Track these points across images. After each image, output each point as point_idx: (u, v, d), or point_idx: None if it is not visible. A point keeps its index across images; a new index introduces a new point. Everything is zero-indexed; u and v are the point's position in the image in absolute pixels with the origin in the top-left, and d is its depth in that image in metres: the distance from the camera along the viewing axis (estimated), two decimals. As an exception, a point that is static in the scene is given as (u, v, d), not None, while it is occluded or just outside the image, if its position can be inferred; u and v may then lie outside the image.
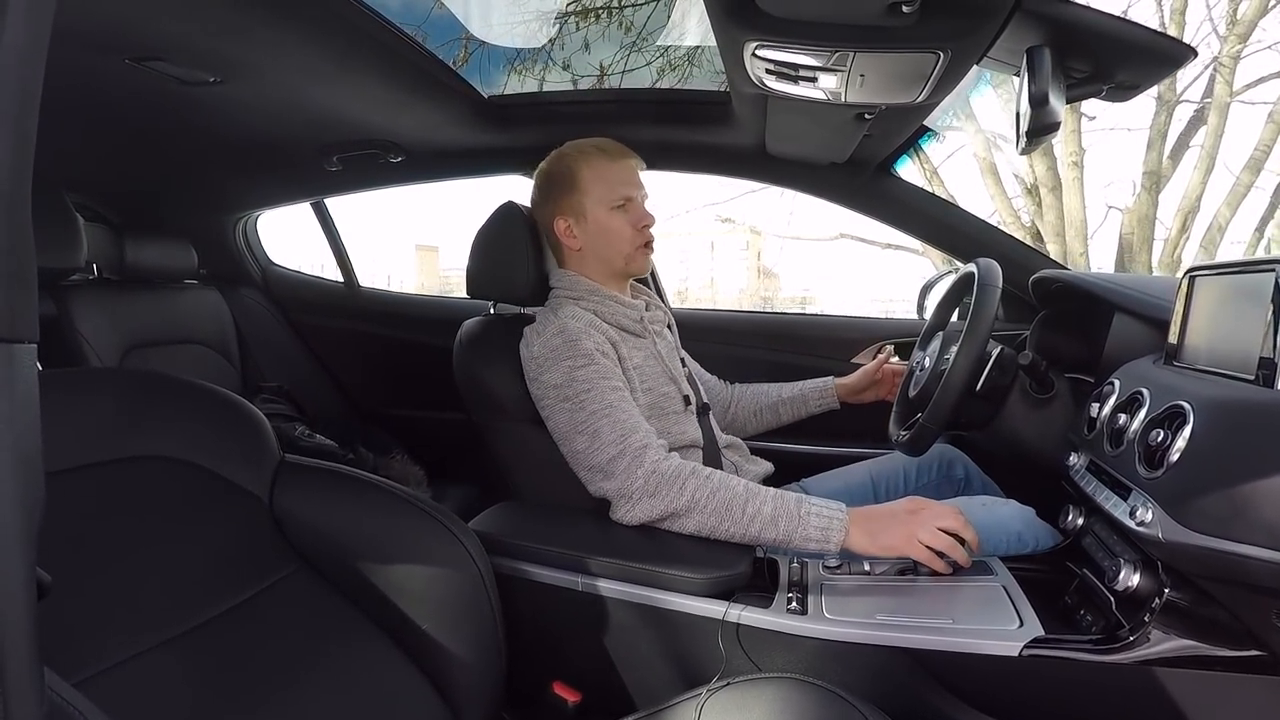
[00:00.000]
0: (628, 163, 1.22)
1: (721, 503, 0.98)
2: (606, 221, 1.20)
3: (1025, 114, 0.87)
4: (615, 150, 1.22)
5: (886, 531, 0.94)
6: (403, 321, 2.12)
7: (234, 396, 0.95)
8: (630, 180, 1.21)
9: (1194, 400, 0.75)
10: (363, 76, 1.29)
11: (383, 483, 0.94)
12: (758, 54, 0.96)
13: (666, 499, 0.99)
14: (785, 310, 4.13)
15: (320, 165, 1.72)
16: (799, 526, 0.95)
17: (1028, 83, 0.82)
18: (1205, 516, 0.68)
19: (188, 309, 1.85)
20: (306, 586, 0.85)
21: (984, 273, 1.20)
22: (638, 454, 1.02)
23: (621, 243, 1.20)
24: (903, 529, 0.94)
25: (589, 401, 1.06)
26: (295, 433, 1.55)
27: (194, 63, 1.17)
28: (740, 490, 0.99)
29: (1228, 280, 0.84)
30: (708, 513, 0.98)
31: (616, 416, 1.05)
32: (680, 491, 0.99)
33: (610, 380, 1.09)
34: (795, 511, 0.96)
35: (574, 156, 1.22)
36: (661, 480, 1.00)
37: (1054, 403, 1.21)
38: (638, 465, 1.01)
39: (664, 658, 0.94)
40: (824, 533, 0.95)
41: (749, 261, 32.29)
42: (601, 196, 1.19)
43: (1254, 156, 5.71)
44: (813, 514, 0.95)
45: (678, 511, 0.99)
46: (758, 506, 0.97)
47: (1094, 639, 0.81)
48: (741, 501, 0.98)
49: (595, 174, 1.19)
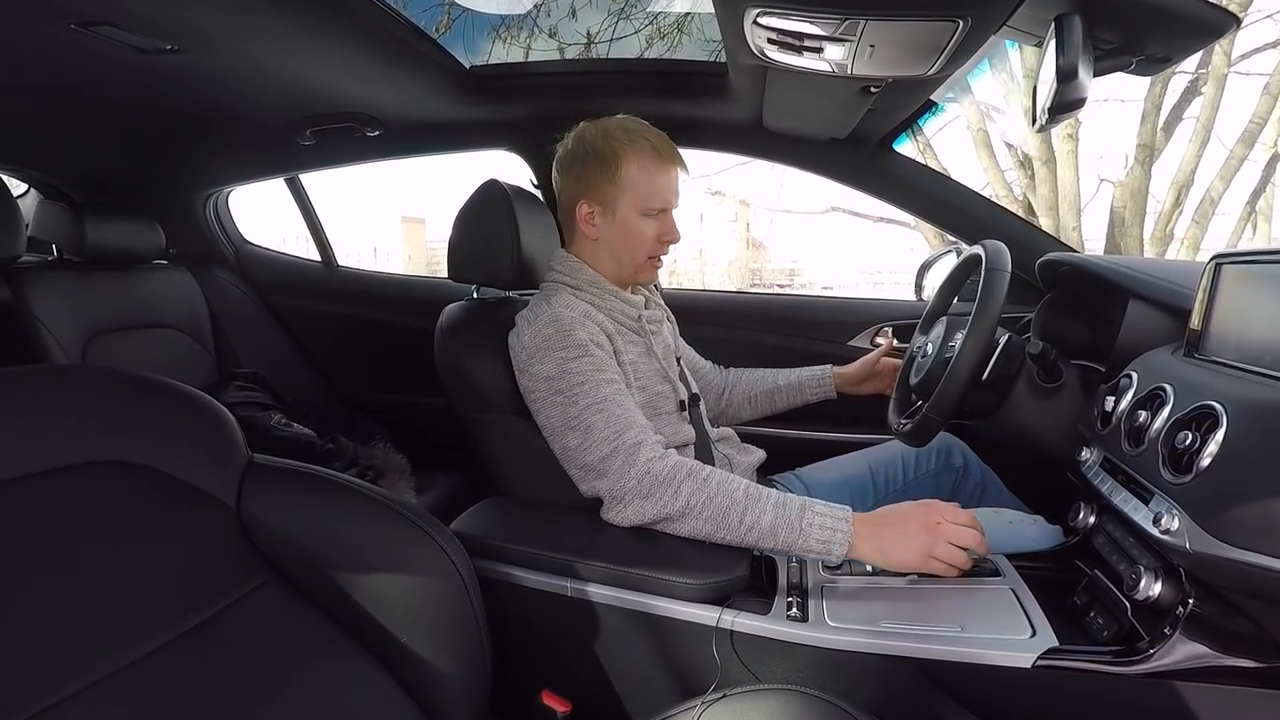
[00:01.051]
0: (676, 170, 1.12)
1: (719, 510, 0.92)
2: (635, 225, 1.11)
3: (1049, 88, 0.81)
4: (669, 153, 1.11)
5: (898, 546, 0.88)
6: (385, 302, 2.04)
7: (196, 393, 0.88)
8: (672, 189, 1.12)
9: (1227, 401, 0.70)
10: (335, 46, 1.20)
11: (360, 485, 0.88)
12: (759, 22, 0.89)
13: (661, 502, 0.94)
14: (780, 290, 4.04)
15: (293, 139, 1.63)
16: (799, 539, 0.89)
17: (1056, 55, 0.75)
18: (1239, 529, 0.64)
19: (156, 291, 1.76)
20: (278, 599, 0.79)
21: (992, 257, 1.14)
22: (631, 452, 0.96)
23: (639, 251, 1.13)
24: (917, 545, 0.87)
25: (582, 395, 1.00)
26: (271, 422, 1.48)
27: (148, 29, 1.08)
28: (740, 496, 0.92)
29: (1261, 270, 0.78)
30: (703, 519, 0.93)
31: (610, 411, 0.99)
32: (675, 495, 0.94)
33: (605, 373, 1.03)
34: (797, 523, 0.89)
35: (623, 143, 1.10)
36: (656, 482, 0.95)
37: (1062, 392, 1.17)
38: (631, 465, 0.96)
39: (657, 666, 0.90)
40: (825, 545, 0.88)
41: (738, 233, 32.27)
42: (639, 199, 1.10)
43: (1248, 129, 5.66)
44: (815, 525, 0.89)
45: (672, 515, 0.94)
46: (756, 516, 0.91)
47: (1111, 650, 0.77)
48: (740, 510, 0.91)
49: (641, 172, 1.09)
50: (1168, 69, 0.90)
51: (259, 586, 0.78)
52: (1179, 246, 5.82)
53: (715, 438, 1.28)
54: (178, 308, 1.79)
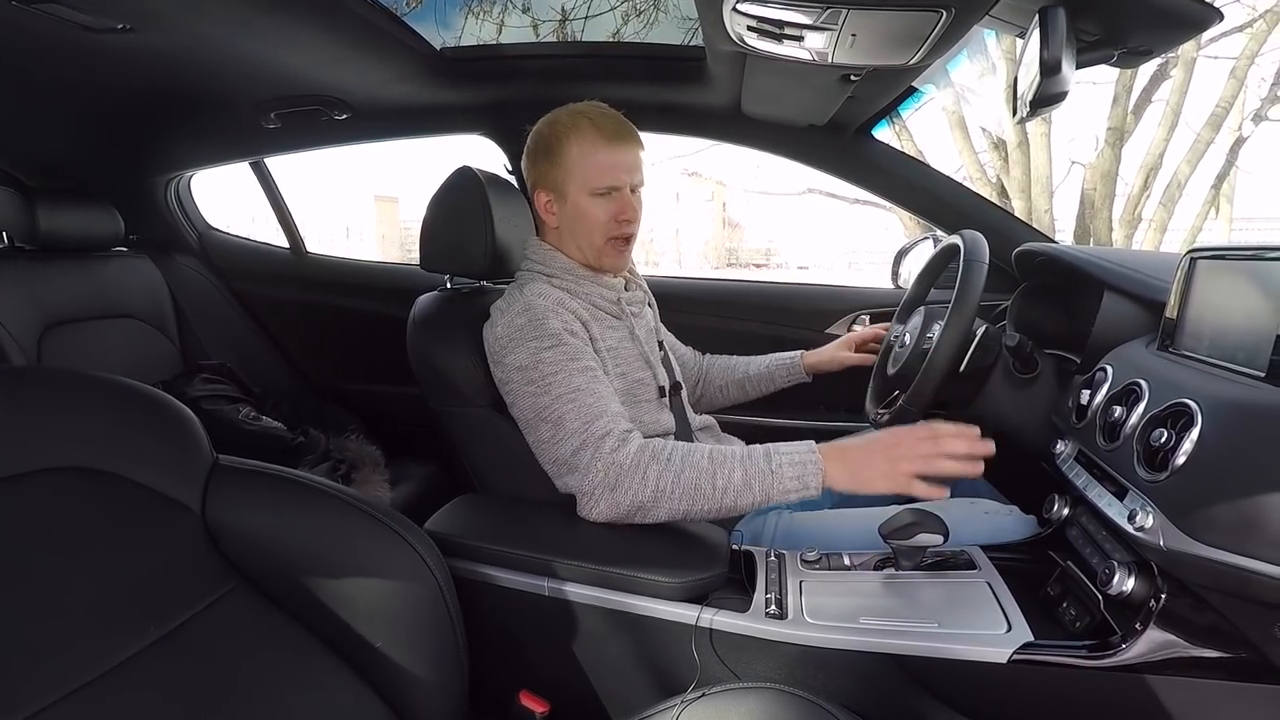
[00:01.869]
0: (624, 147, 1.08)
1: (689, 484, 0.91)
2: (586, 207, 1.08)
3: (1032, 80, 0.80)
4: (613, 129, 1.07)
5: (867, 465, 0.88)
6: (356, 290, 2.00)
7: (157, 393, 0.85)
8: (620, 166, 1.08)
9: (1202, 400, 0.71)
10: (300, 28, 1.16)
11: (331, 487, 0.86)
12: (739, 9, 0.87)
13: (630, 492, 0.92)
14: (757, 269, 4.03)
15: (257, 122, 1.57)
16: (775, 482, 0.89)
17: (1040, 48, 0.74)
18: (1213, 528, 0.64)
19: (116, 279, 1.70)
20: (247, 606, 0.77)
21: (970, 248, 1.14)
22: (597, 445, 0.94)
23: (596, 234, 1.10)
24: (882, 464, 0.87)
25: (554, 385, 0.98)
26: (239, 415, 1.44)
27: (96, 8, 1.03)
28: (705, 465, 0.91)
29: (1237, 266, 0.79)
30: (677, 498, 0.91)
31: (583, 401, 0.97)
32: (644, 482, 0.92)
33: (579, 361, 1.01)
34: (766, 468, 0.89)
35: (566, 125, 1.08)
36: (621, 472, 0.92)
37: (1037, 383, 1.18)
38: (596, 458, 0.94)
39: (637, 666, 0.89)
40: (801, 480, 0.89)
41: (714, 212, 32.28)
42: (584, 180, 1.07)
43: (1215, 113, 5.75)
44: (785, 464, 0.89)
45: (644, 503, 0.92)
46: (727, 477, 0.90)
47: (1086, 644, 0.78)
48: (709, 477, 0.90)
49: (582, 153, 1.06)
50: (1149, 61, 0.89)
51: (227, 594, 0.76)
52: (1147, 228, 5.93)
53: (697, 426, 1.27)
54: (139, 297, 1.73)
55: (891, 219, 6.19)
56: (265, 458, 1.38)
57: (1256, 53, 5.59)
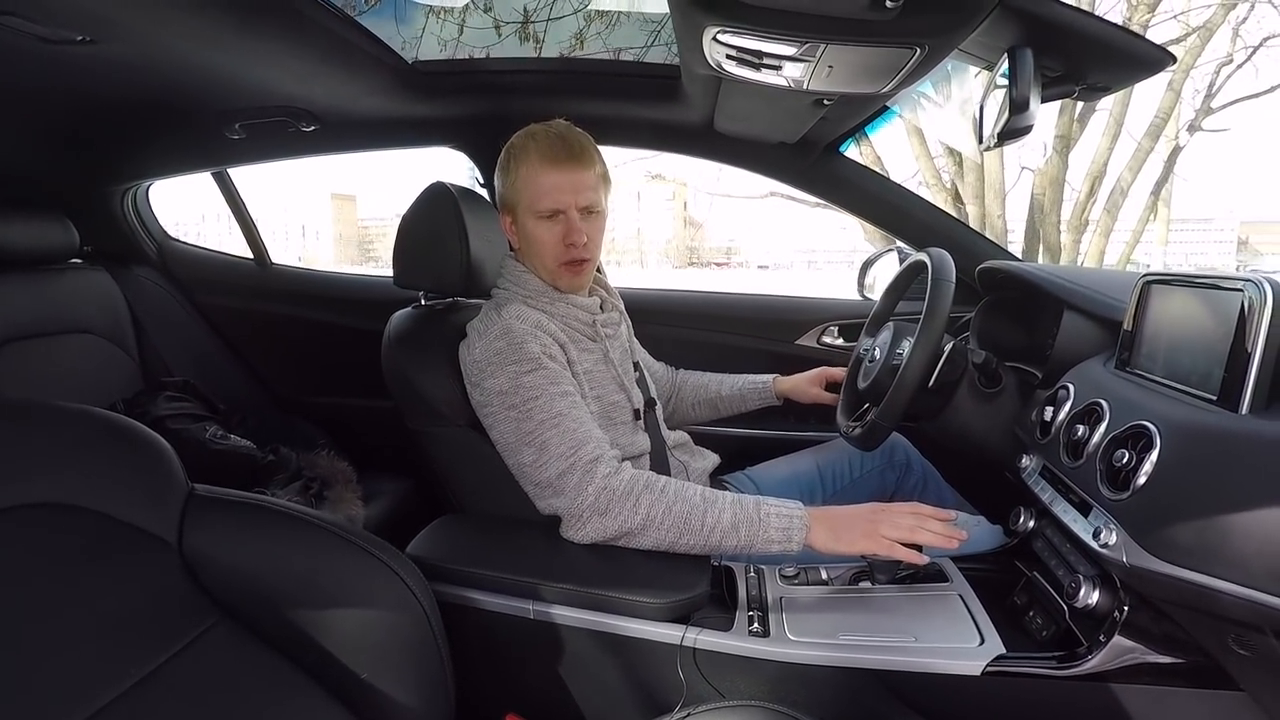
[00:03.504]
0: (568, 170, 1.05)
1: (679, 517, 0.93)
2: (533, 229, 1.08)
3: (1000, 114, 0.83)
4: (561, 153, 1.05)
5: (849, 529, 0.91)
6: (323, 303, 1.96)
7: (128, 422, 0.83)
8: (563, 188, 1.05)
9: (1160, 422, 0.75)
10: (266, 41, 1.13)
11: (311, 515, 0.85)
12: (719, 39, 0.88)
13: (620, 517, 0.94)
14: (718, 268, 4.01)
15: (220, 133, 1.53)
16: (760, 530, 0.91)
17: (1010, 86, 0.78)
18: (1173, 546, 0.68)
19: (71, 293, 1.63)
20: (228, 641, 0.75)
21: (938, 266, 1.17)
22: (588, 469, 0.96)
23: (546, 256, 1.09)
24: (864, 526, 0.91)
25: (536, 410, 0.99)
26: (206, 435, 1.40)
27: (53, 19, 0.99)
28: (698, 501, 0.94)
29: (1189, 293, 0.83)
30: (665, 529, 0.93)
31: (566, 426, 0.98)
32: (635, 509, 0.93)
33: (559, 385, 1.01)
34: (755, 515, 0.92)
35: (518, 148, 1.08)
36: (614, 497, 0.94)
37: (1001, 396, 1.22)
38: (588, 482, 0.95)
39: (622, 686, 0.90)
40: (785, 533, 0.91)
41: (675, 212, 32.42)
42: (529, 202, 1.07)
43: (1154, 123, 6.03)
44: (773, 514, 0.92)
45: (632, 530, 0.94)
46: (716, 516, 0.92)
47: (1054, 655, 0.82)
48: (700, 513, 0.92)
49: (529, 176, 1.06)
50: (1108, 95, 0.94)
51: (208, 630, 0.74)
52: (1093, 232, 6.17)
53: (671, 443, 1.28)
54: (95, 311, 1.67)
55: (849, 221, 6.32)
56: (235, 478, 1.37)
57: (1191, 66, 5.87)
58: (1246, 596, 0.62)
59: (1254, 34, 6.05)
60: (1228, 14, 5.67)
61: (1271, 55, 5.99)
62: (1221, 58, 6.22)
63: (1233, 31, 6.08)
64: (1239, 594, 0.63)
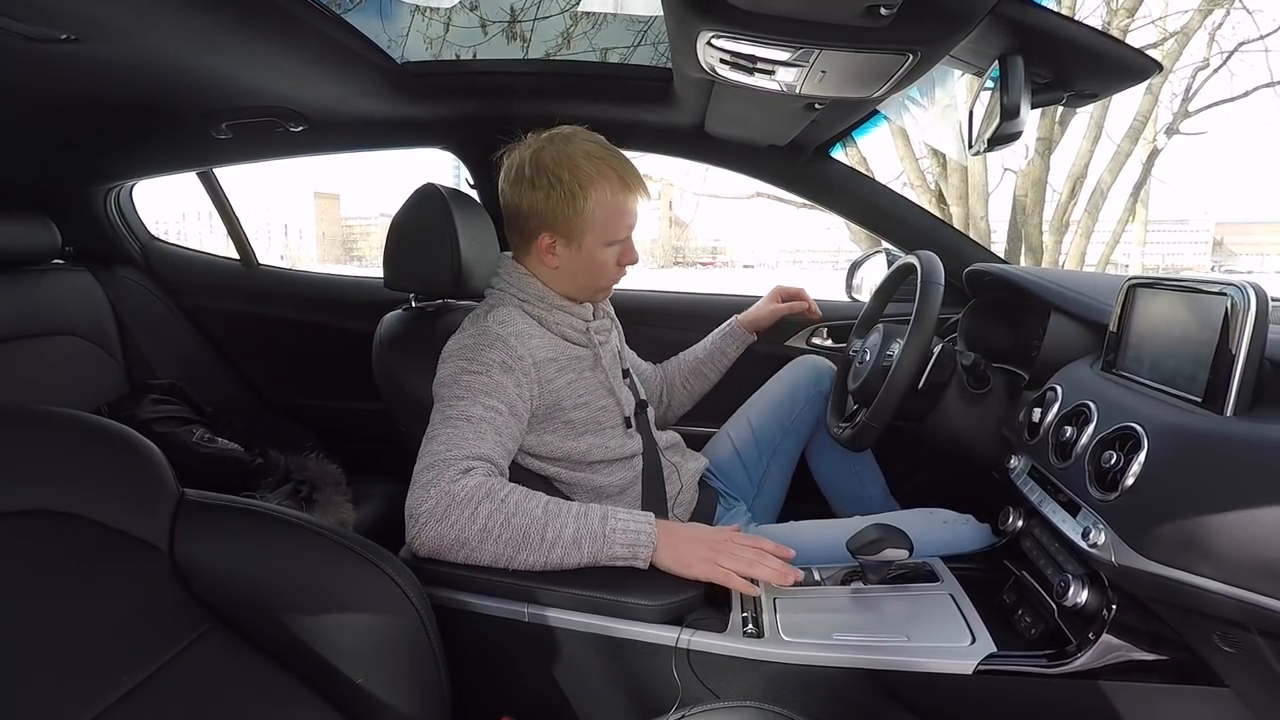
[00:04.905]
0: (640, 195, 1.09)
1: (518, 530, 0.88)
2: (600, 256, 1.09)
3: (990, 120, 0.85)
4: (635, 182, 1.07)
5: (690, 552, 0.90)
6: (311, 304, 1.94)
7: (118, 427, 0.82)
8: (636, 214, 1.10)
9: (1147, 425, 0.76)
10: (254, 42, 1.12)
11: (304, 519, 0.84)
12: (712, 44, 0.89)
13: (457, 525, 0.88)
14: (704, 268, 3.99)
15: (207, 132, 1.51)
16: (605, 546, 0.89)
17: (1001, 93, 0.79)
18: (1159, 545, 0.69)
19: (53, 294, 1.61)
20: (222, 648, 0.75)
21: (927, 270, 1.19)
22: (441, 469, 0.90)
23: (603, 279, 1.12)
24: (704, 551, 0.90)
25: (453, 407, 0.97)
26: (194, 438, 1.39)
27: (36, 17, 0.98)
28: (539, 514, 0.89)
29: (1174, 297, 0.85)
30: (503, 542, 0.88)
31: (463, 431, 0.94)
32: (472, 517, 0.88)
33: (491, 397, 0.98)
34: (600, 530, 0.89)
35: (589, 175, 1.04)
36: (454, 503, 0.88)
37: (989, 398, 1.24)
38: (434, 483, 0.89)
39: (618, 688, 0.91)
40: (631, 549, 0.89)
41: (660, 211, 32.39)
42: (606, 232, 1.07)
43: (1133, 126, 6.12)
44: (619, 529, 0.89)
45: (468, 540, 0.88)
46: (558, 530, 0.89)
47: (1045, 653, 0.83)
48: (540, 527, 0.89)
49: (609, 205, 1.05)
50: (1095, 102, 0.95)
51: (200, 636, 0.74)
52: (1074, 232, 6.26)
53: (663, 445, 1.29)
54: (78, 312, 1.64)
55: (834, 220, 6.37)
56: (224, 481, 1.36)
57: (1169, 70, 5.96)
58: (1232, 594, 0.63)
59: (1229, 39, 6.16)
60: (1204, 19, 5.76)
61: (1246, 60, 6.09)
62: (1198, 62, 6.32)
63: (1209, 37, 6.17)
64: (1225, 592, 0.64)
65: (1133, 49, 0.82)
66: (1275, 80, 6.11)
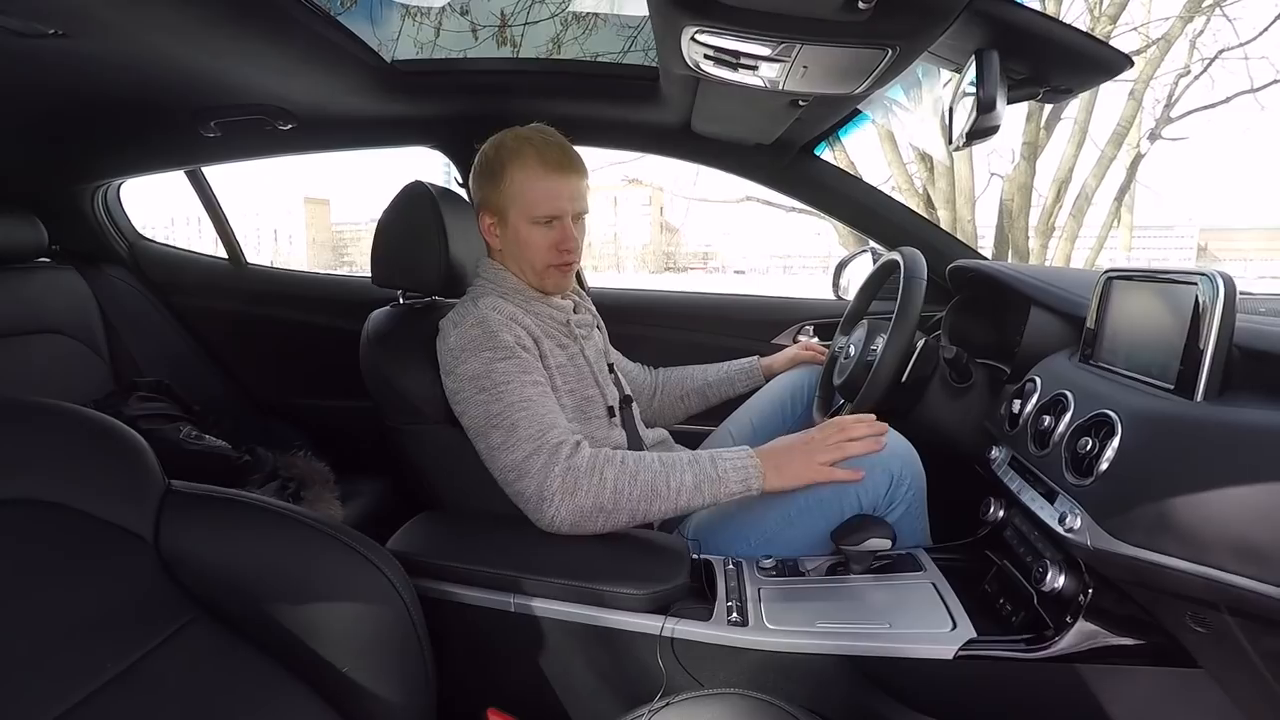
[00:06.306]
0: (567, 178, 1.09)
1: (645, 485, 0.95)
2: (526, 234, 1.10)
3: (967, 114, 0.86)
4: (557, 161, 1.09)
5: (790, 463, 0.98)
6: (299, 302, 1.94)
7: (103, 417, 0.82)
8: (563, 195, 1.09)
9: (1121, 411, 0.78)
10: (243, 38, 1.12)
11: (289, 509, 0.85)
12: (697, 39, 0.90)
13: (590, 494, 0.94)
14: (706, 290, 4.07)
15: (195, 130, 1.51)
16: (722, 486, 0.96)
17: (977, 87, 0.81)
18: (1132, 528, 0.71)
19: (39, 293, 1.60)
20: (207, 637, 0.75)
21: (910, 265, 1.21)
22: (554, 451, 0.96)
23: (536, 259, 1.12)
24: (801, 459, 0.98)
25: (506, 394, 0.99)
26: (180, 435, 1.39)
27: (24, 12, 0.98)
28: (658, 467, 0.97)
29: (1148, 289, 0.86)
30: (635, 499, 0.94)
31: (535, 410, 0.99)
32: (601, 483, 0.94)
33: (530, 375, 1.03)
34: (713, 472, 0.97)
35: (511, 151, 1.09)
36: (580, 475, 0.94)
37: (971, 392, 1.25)
38: (554, 463, 0.95)
39: (603, 678, 0.91)
40: (745, 483, 0.97)
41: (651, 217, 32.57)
42: (525, 208, 1.09)
43: (1117, 131, 6.20)
44: (730, 468, 0.97)
45: (604, 505, 0.94)
46: (680, 479, 0.96)
47: (1023, 638, 0.84)
48: (663, 480, 0.96)
49: (526, 181, 1.08)
50: (1072, 98, 0.97)
51: (185, 625, 0.74)
52: (1060, 236, 6.33)
53: (650, 441, 1.29)
54: (64, 310, 1.64)
55: (824, 225, 6.42)
56: (210, 479, 1.34)
57: (1152, 76, 6.05)
58: (1201, 573, 0.65)
59: (1210, 46, 6.26)
60: (1185, 27, 5.85)
61: (1227, 67, 6.20)
62: (1180, 69, 6.41)
63: (1190, 44, 6.27)
64: (1195, 571, 0.65)
65: (1105, 44, 0.84)
66: (1255, 86, 6.22)
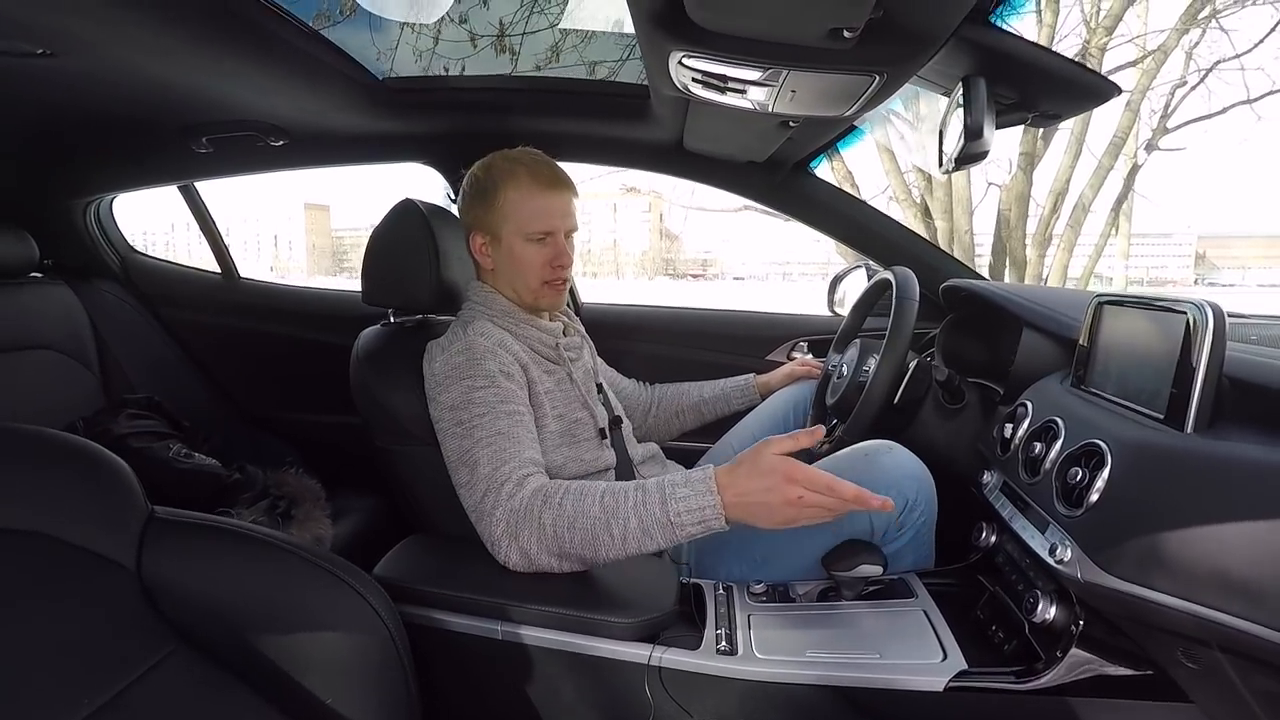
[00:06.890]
0: (559, 194, 1.12)
1: (585, 533, 0.86)
2: (520, 251, 1.11)
3: (956, 140, 0.86)
4: (549, 178, 1.11)
5: (764, 518, 0.81)
6: (291, 318, 1.94)
7: (84, 443, 0.82)
8: (555, 212, 1.11)
9: (1111, 441, 0.77)
10: (233, 57, 1.12)
11: (274, 537, 0.84)
12: (684, 63, 0.90)
13: (533, 539, 0.89)
14: (693, 278, 3.99)
15: (187, 146, 1.51)
16: (678, 531, 0.83)
17: (964, 113, 0.80)
18: (1122, 562, 0.70)
19: (29, 308, 1.59)
20: (188, 669, 0.74)
21: (902, 285, 1.20)
22: (498, 490, 0.92)
23: (531, 277, 1.12)
24: (779, 517, 0.81)
25: (478, 428, 0.98)
26: (170, 453, 1.38)
27: (11, 33, 0.98)
28: (598, 512, 0.86)
29: (1138, 314, 0.86)
30: (579, 544, 0.87)
31: (499, 445, 0.96)
32: (540, 528, 0.88)
33: (508, 404, 1.01)
34: (664, 518, 0.83)
35: (502, 171, 1.11)
36: (519, 519, 0.90)
37: (964, 413, 1.25)
38: (496, 505, 0.91)
39: (591, 707, 0.90)
40: (703, 526, 0.83)
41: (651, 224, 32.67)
42: (519, 225, 1.10)
43: (1114, 141, 6.21)
44: (684, 510, 0.83)
45: (551, 549, 0.89)
46: (623, 526, 0.84)
47: (1014, 670, 0.83)
48: (604, 528, 0.85)
49: (520, 198, 1.10)
50: (1060, 123, 0.97)
51: (166, 657, 0.73)
52: (1057, 246, 6.33)
53: (640, 458, 1.29)
54: (55, 326, 1.63)
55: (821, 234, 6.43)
56: (200, 497, 1.35)
57: (1148, 87, 6.06)
58: (1191, 611, 0.64)
59: (1206, 58, 6.28)
60: (1180, 38, 5.87)
61: (1223, 78, 6.21)
62: (1176, 80, 6.43)
63: (1186, 55, 6.29)
64: (1184, 609, 0.64)
65: (1093, 72, 0.83)
66: (1252, 97, 6.24)
